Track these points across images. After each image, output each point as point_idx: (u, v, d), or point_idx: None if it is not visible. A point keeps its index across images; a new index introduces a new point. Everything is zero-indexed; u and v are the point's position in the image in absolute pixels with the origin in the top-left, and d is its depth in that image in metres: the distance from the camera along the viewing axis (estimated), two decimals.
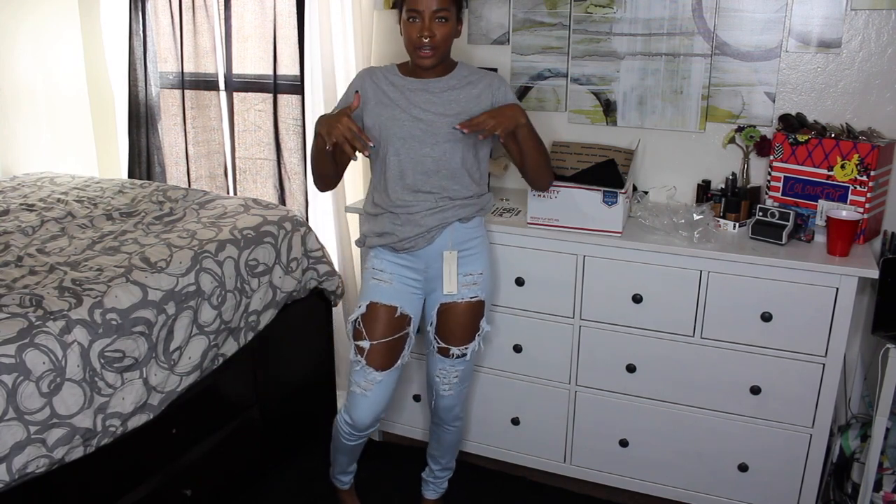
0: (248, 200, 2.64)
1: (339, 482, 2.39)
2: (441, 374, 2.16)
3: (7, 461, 1.64)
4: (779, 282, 2.11)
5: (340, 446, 2.23)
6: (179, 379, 2.07)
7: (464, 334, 2.11)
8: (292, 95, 3.10)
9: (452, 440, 2.30)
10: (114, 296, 1.93)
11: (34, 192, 2.81)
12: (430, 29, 1.92)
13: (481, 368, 2.54)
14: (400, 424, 2.74)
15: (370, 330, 2.06)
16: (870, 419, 2.18)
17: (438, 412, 2.22)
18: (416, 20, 1.93)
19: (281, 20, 3.06)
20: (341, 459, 2.30)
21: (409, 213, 2.02)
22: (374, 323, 2.06)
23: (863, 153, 2.13)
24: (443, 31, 1.94)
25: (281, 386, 2.56)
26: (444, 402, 2.19)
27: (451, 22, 1.96)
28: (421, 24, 1.92)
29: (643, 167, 2.60)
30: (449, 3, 1.94)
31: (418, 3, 1.92)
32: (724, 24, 2.39)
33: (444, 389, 2.17)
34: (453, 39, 2.00)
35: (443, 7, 1.92)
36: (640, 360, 2.33)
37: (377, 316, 2.06)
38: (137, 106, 3.36)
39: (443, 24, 1.94)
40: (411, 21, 1.94)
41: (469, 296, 2.09)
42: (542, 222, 2.32)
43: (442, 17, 1.93)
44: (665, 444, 2.37)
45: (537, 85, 2.68)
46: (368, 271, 2.12)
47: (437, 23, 1.93)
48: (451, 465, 2.38)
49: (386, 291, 2.07)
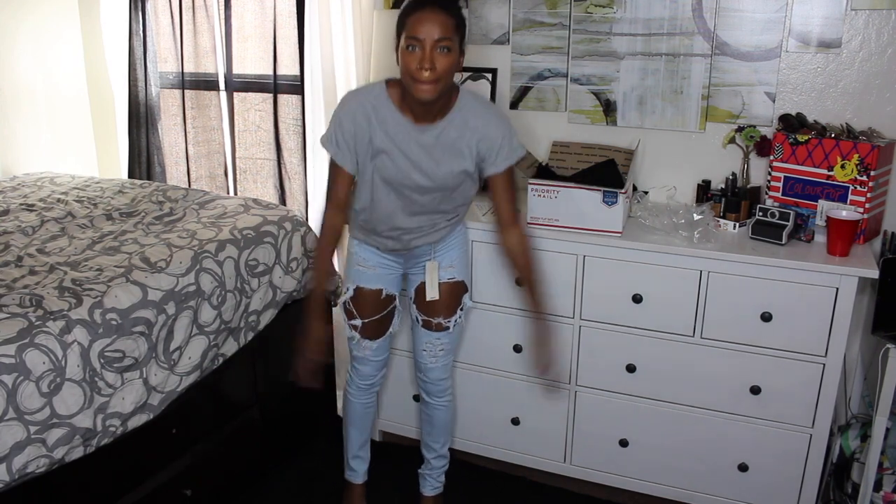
0: (248, 200, 2.64)
1: (352, 473, 2.41)
2: (427, 348, 2.23)
3: (7, 461, 1.64)
4: (779, 282, 2.11)
5: (353, 414, 2.34)
6: (179, 379, 2.07)
7: (445, 310, 2.19)
8: (292, 95, 3.11)
9: (443, 418, 2.34)
10: (114, 296, 1.93)
11: (34, 192, 2.81)
12: (430, 59, 1.76)
13: (481, 368, 2.54)
14: (400, 424, 2.74)
15: (360, 310, 2.18)
16: (870, 419, 2.18)
17: (427, 386, 2.29)
18: (416, 49, 1.77)
19: (281, 20, 3.06)
20: (353, 435, 2.37)
21: (398, 238, 2.09)
22: (363, 304, 2.18)
23: (863, 153, 2.13)
24: (445, 63, 1.78)
25: (281, 386, 2.56)
26: (433, 373, 2.26)
27: (455, 52, 1.80)
28: (421, 54, 1.76)
29: (643, 167, 2.60)
30: (452, 31, 1.78)
31: (418, 30, 1.76)
32: (724, 24, 2.39)
33: (431, 362, 2.25)
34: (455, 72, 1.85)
35: (445, 36, 1.76)
36: (640, 360, 2.33)
37: (364, 298, 2.18)
38: (137, 106, 3.36)
39: (445, 55, 1.78)
40: (410, 50, 1.78)
41: (446, 277, 2.17)
42: (542, 222, 2.32)
43: (444, 47, 1.77)
44: (665, 444, 2.37)
45: (537, 85, 2.68)
46: (353, 256, 2.19)
47: (440, 53, 1.77)
48: (445, 451, 2.40)
49: (370, 277, 2.17)
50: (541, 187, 2.29)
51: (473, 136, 1.93)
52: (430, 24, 1.75)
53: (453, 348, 2.29)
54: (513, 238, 2.06)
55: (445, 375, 2.29)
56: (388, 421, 2.76)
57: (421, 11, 1.77)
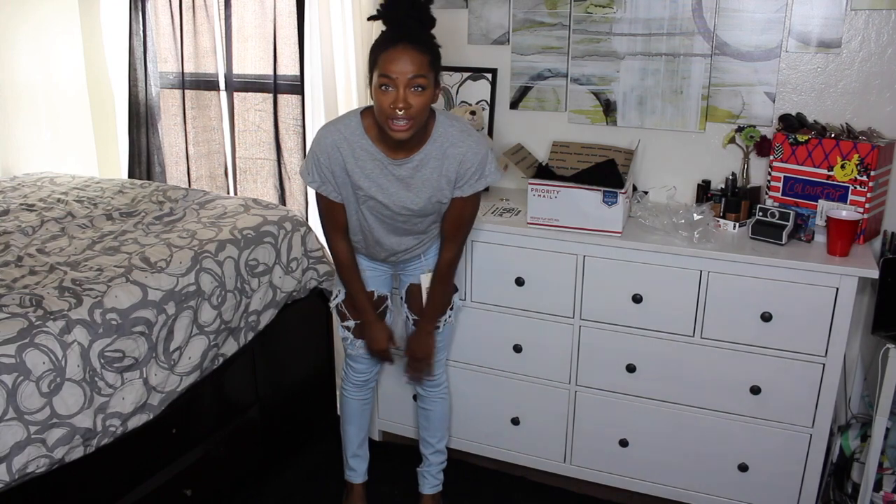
0: (248, 200, 2.64)
1: (351, 472, 2.42)
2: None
3: (7, 461, 1.64)
4: (779, 282, 2.11)
5: (349, 412, 2.35)
6: (179, 379, 2.07)
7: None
8: (292, 95, 3.11)
9: (440, 413, 2.36)
10: (114, 296, 1.93)
11: (34, 192, 2.81)
12: (405, 99, 1.72)
13: (481, 368, 2.54)
14: (400, 424, 2.74)
15: (352, 311, 2.19)
16: (870, 419, 2.18)
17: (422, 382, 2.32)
18: (390, 88, 1.73)
19: (281, 20, 3.06)
20: (351, 433, 2.37)
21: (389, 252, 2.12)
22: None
23: (863, 153, 2.13)
24: (419, 102, 1.74)
25: (281, 386, 2.56)
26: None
27: (430, 89, 1.76)
28: (395, 94, 1.72)
29: (643, 167, 2.60)
30: (427, 67, 1.74)
31: (391, 69, 1.71)
32: (724, 24, 2.39)
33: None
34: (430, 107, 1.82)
35: (419, 73, 1.72)
36: (640, 360, 2.33)
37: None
38: (137, 106, 3.36)
39: (419, 94, 1.74)
40: (384, 90, 1.74)
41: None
42: (542, 222, 2.32)
43: (419, 86, 1.73)
44: (665, 444, 2.37)
45: (537, 85, 2.68)
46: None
47: (413, 92, 1.73)
48: (443, 447, 2.40)
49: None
50: (541, 187, 2.29)
51: (452, 164, 1.91)
52: (402, 62, 1.71)
53: (446, 345, 2.33)
54: (449, 254, 2.07)
55: (439, 371, 2.32)
56: (388, 420, 2.76)
57: (393, 48, 1.73)
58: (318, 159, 1.93)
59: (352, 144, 1.89)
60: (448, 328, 2.28)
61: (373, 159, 1.90)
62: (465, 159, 1.90)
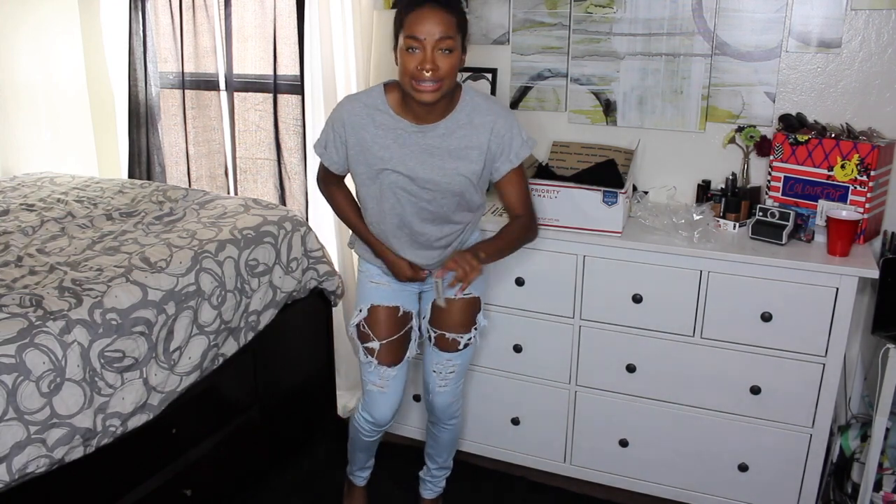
0: (249, 200, 2.64)
1: (356, 478, 2.40)
2: (437, 369, 2.13)
3: (7, 461, 1.64)
4: (779, 282, 2.11)
5: (360, 444, 2.24)
6: (179, 379, 2.07)
7: (460, 326, 2.08)
8: (292, 95, 3.11)
9: (449, 438, 2.28)
10: (114, 296, 1.93)
11: (34, 192, 2.81)
12: (432, 61, 1.68)
13: (481, 368, 2.54)
14: (400, 424, 2.74)
15: (376, 331, 2.05)
16: (870, 419, 2.18)
17: (435, 410, 2.20)
18: (416, 50, 1.69)
19: (281, 20, 3.06)
20: (360, 456, 2.31)
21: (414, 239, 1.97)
22: (379, 324, 2.06)
23: (863, 153, 2.13)
24: (447, 64, 1.69)
25: (281, 386, 2.56)
26: (441, 398, 2.16)
27: (457, 52, 1.72)
28: (422, 56, 1.68)
29: (643, 167, 2.60)
30: (454, 29, 1.70)
31: (418, 29, 1.67)
32: (724, 24, 2.39)
33: (440, 386, 2.14)
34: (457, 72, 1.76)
35: (447, 35, 1.68)
36: (640, 360, 2.33)
37: (380, 317, 2.06)
38: (137, 106, 3.36)
39: (447, 56, 1.70)
40: (410, 52, 1.69)
41: (463, 294, 2.05)
42: (542, 222, 2.31)
43: (447, 49, 1.69)
44: (665, 444, 2.37)
45: (537, 85, 2.68)
46: (365, 274, 2.11)
47: (441, 54, 1.69)
48: (449, 463, 2.38)
49: (385, 294, 2.07)
50: (541, 187, 2.29)
51: (482, 134, 1.83)
52: (430, 23, 1.67)
53: (464, 371, 2.17)
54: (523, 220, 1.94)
55: (453, 400, 2.18)
56: None
57: (420, 9, 1.69)
58: (333, 126, 1.89)
59: (372, 113, 1.83)
60: (470, 350, 2.14)
61: (395, 128, 1.82)
62: (496, 127, 1.83)
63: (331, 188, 2.06)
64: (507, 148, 1.86)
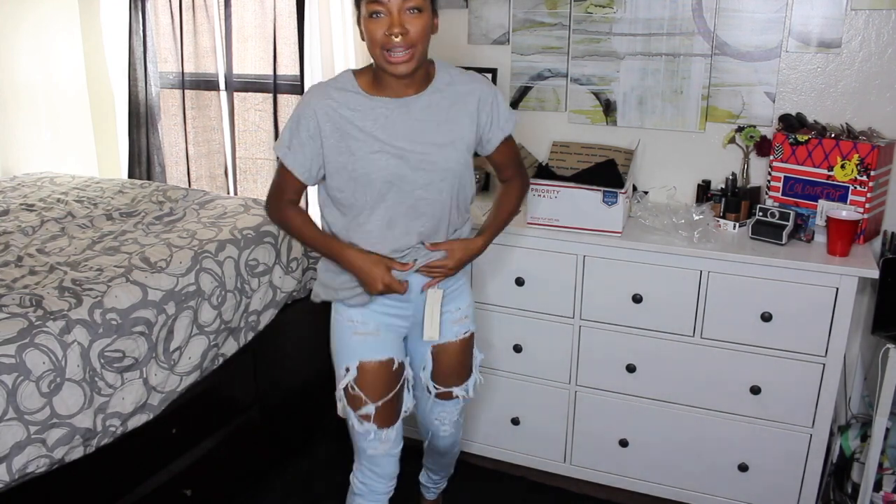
0: (249, 200, 2.64)
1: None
2: (441, 417, 1.97)
3: (7, 461, 1.64)
4: (779, 282, 2.11)
5: None
6: (179, 379, 2.07)
7: (463, 372, 1.93)
8: (292, 95, 3.11)
9: (450, 461, 2.20)
10: (114, 296, 1.93)
11: (34, 192, 2.81)
12: (400, 24, 1.50)
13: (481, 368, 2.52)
14: None
15: (370, 392, 1.75)
16: (870, 419, 2.18)
17: (437, 450, 2.08)
18: (381, 15, 1.51)
19: (281, 20, 3.06)
20: None
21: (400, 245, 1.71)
22: (371, 383, 1.76)
23: (863, 153, 2.13)
24: (417, 26, 1.52)
25: (281, 386, 2.56)
26: (445, 441, 2.03)
27: (427, 13, 1.54)
28: (388, 20, 1.51)
29: (643, 167, 2.60)
30: None
31: None
32: (724, 24, 2.39)
33: (444, 431, 2.00)
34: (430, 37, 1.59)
35: None
36: (640, 360, 2.33)
37: (373, 376, 1.76)
38: (137, 106, 3.36)
39: (416, 17, 1.52)
40: (374, 17, 1.52)
41: (462, 332, 1.87)
42: (542, 222, 2.32)
43: (414, 8, 1.51)
44: (665, 444, 2.37)
45: (537, 85, 2.68)
46: (344, 325, 1.77)
47: (409, 15, 1.51)
48: (450, 472, 2.37)
49: (374, 346, 1.76)
50: (541, 187, 2.29)
51: (470, 102, 1.67)
52: None
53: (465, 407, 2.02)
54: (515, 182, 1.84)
55: (457, 439, 2.04)
56: None
57: None
58: (299, 120, 1.63)
59: (346, 96, 1.62)
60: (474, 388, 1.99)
61: (374, 108, 1.62)
62: (482, 96, 1.69)
63: (285, 209, 1.74)
64: (497, 115, 1.72)
